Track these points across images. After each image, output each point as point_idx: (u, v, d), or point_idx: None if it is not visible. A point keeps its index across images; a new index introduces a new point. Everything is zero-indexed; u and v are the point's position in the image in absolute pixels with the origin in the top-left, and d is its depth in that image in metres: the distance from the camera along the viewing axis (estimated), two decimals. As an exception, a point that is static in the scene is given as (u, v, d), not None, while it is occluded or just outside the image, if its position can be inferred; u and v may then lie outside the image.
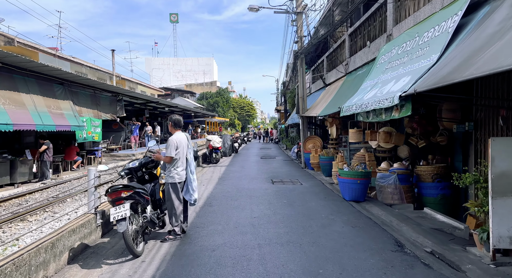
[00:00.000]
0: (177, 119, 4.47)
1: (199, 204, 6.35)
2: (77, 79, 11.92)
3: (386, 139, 6.82)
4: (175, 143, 4.28)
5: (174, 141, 4.28)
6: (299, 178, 9.84)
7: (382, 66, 6.11)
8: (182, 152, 4.36)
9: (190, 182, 4.38)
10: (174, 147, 4.24)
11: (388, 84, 5.10)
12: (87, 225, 4.08)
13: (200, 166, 13.29)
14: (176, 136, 4.37)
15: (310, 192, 7.64)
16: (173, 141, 4.28)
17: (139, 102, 19.42)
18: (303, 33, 11.66)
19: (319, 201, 6.63)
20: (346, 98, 7.53)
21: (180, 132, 4.48)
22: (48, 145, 10.07)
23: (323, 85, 12.57)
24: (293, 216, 5.39)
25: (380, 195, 6.75)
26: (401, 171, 6.58)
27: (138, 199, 3.86)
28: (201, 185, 8.66)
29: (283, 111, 28.65)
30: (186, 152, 4.44)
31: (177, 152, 4.29)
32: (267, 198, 6.83)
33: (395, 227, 4.91)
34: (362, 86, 6.57)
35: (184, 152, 4.40)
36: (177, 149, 4.29)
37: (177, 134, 4.40)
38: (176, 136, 4.37)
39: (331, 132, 10.16)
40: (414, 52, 5.00)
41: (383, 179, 6.64)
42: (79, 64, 22.86)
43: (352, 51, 8.89)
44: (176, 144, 4.28)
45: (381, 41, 6.91)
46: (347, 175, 6.69)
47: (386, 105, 4.46)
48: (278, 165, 13.55)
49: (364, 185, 6.68)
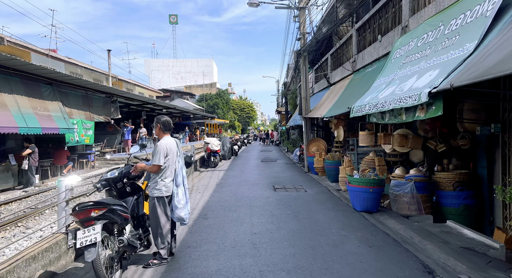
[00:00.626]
0: (167, 121, 3.79)
1: (193, 216, 5.67)
2: (67, 79, 11.26)
3: (402, 142, 6.14)
4: (165, 149, 3.61)
5: (164, 147, 3.61)
6: (302, 184, 9.16)
7: (398, 61, 5.45)
8: (171, 160, 3.69)
9: (174, 197, 3.69)
10: (163, 154, 3.57)
11: (408, 80, 4.43)
12: (55, 248, 3.39)
13: (198, 170, 12.62)
14: (165, 141, 3.69)
15: (316, 200, 6.95)
16: (162, 146, 3.61)
17: (135, 103, 18.77)
18: (306, 30, 11.00)
19: (327, 212, 5.94)
20: (355, 98, 6.86)
21: (169, 137, 3.81)
22: (33, 148, 9.40)
23: (327, 85, 11.90)
24: (299, 232, 4.70)
25: (395, 204, 6.06)
26: (418, 178, 5.89)
27: (113, 218, 3.18)
28: (197, 192, 7.98)
29: (284, 113, 27.98)
30: (175, 160, 3.77)
31: (166, 160, 3.62)
32: (269, 208, 6.14)
33: (419, 246, 4.23)
34: (374, 83, 5.90)
35: (174, 160, 3.73)
36: (167, 156, 3.62)
37: (166, 139, 3.73)
38: (165, 141, 3.69)
39: (337, 135, 9.49)
40: (438, 43, 4.33)
41: (398, 187, 5.96)
42: (73, 64, 22.22)
43: (360, 47, 8.23)
44: (166, 150, 3.62)
45: (395, 34, 6.24)
46: (358, 182, 6.01)
47: (410, 104, 3.79)
48: (279, 169, 12.87)
49: (377, 194, 6.00)
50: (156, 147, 3.60)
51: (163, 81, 66.20)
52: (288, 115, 25.56)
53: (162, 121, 3.75)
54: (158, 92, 41.70)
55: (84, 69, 23.74)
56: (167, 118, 3.82)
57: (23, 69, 9.19)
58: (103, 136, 16.93)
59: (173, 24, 75.48)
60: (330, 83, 11.39)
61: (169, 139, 3.76)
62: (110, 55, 22.33)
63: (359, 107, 5.54)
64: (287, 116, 26.05)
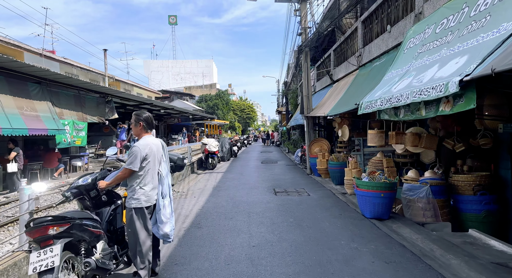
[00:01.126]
0: (148, 118, 3.21)
1: (185, 225, 5.10)
2: (57, 77, 10.70)
3: (415, 141, 5.57)
4: (143, 152, 3.03)
5: (141, 149, 3.03)
6: (305, 187, 8.59)
7: (412, 51, 4.89)
8: (153, 164, 3.12)
9: (159, 209, 3.12)
10: (139, 157, 2.99)
11: (427, 70, 3.87)
12: (12, 270, 2.83)
13: (195, 172, 12.06)
14: (145, 142, 3.11)
15: (320, 205, 6.38)
16: (138, 148, 3.02)
17: (132, 104, 18.22)
18: (307, 24, 10.45)
19: (333, 219, 5.37)
20: (363, 94, 6.30)
21: (151, 136, 3.24)
22: (18, 151, 8.84)
23: (330, 82, 11.33)
24: (304, 244, 4.13)
25: (408, 210, 5.49)
26: (434, 181, 5.32)
27: (79, 236, 2.62)
28: (191, 196, 7.41)
29: (285, 113, 27.43)
30: (159, 164, 3.21)
31: (146, 164, 3.06)
32: (269, 215, 5.58)
33: (442, 261, 3.65)
34: (385, 77, 5.34)
35: (156, 164, 3.17)
36: (146, 159, 3.05)
37: (146, 140, 3.15)
38: (145, 142, 3.11)
39: (341, 134, 8.92)
40: (463, 27, 3.77)
41: (412, 191, 5.39)
42: (69, 65, 21.72)
43: (367, 40, 7.67)
44: (145, 152, 3.04)
45: (406, 23, 5.69)
46: (368, 186, 5.44)
47: (433, 97, 3.23)
48: (280, 170, 12.30)
49: (389, 199, 5.43)
50: (132, 148, 3.03)
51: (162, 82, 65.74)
52: (288, 115, 25.01)
53: (144, 118, 3.17)
54: (157, 93, 41.20)
55: (80, 69, 23.24)
56: (149, 114, 3.25)
57: (7, 67, 8.64)
58: (98, 138, 16.39)
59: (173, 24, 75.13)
60: (333, 80, 10.82)
61: (151, 139, 3.19)
62: (106, 55, 21.81)
63: (368, 103, 4.97)
64: (287, 116, 25.50)
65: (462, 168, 5.74)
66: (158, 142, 3.25)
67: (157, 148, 3.18)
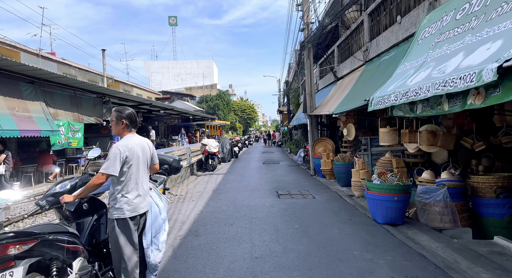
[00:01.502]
0: (131, 115, 2.78)
1: (181, 232, 4.69)
2: (51, 77, 10.32)
3: (430, 140, 5.14)
4: (123, 154, 2.57)
5: (121, 150, 2.57)
6: (309, 189, 8.17)
7: (428, 41, 4.46)
8: (136, 169, 2.68)
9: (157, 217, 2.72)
10: (119, 159, 2.56)
11: (450, 60, 3.44)
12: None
13: (194, 174, 11.65)
14: (126, 142, 2.66)
15: (327, 209, 5.96)
16: (117, 150, 2.57)
17: (130, 104, 17.87)
18: (310, 19, 10.04)
19: (342, 225, 4.94)
20: (372, 90, 5.88)
21: (135, 136, 2.82)
22: (7, 153, 8.46)
23: (333, 80, 10.91)
24: (313, 255, 3.71)
25: (424, 215, 5.06)
26: (452, 183, 4.90)
27: (50, 254, 2.21)
28: (190, 200, 7.00)
29: (286, 112, 27.01)
30: (145, 167, 2.79)
31: (128, 168, 2.63)
32: (273, 221, 5.15)
33: (470, 275, 3.22)
34: (398, 70, 4.92)
35: (141, 168, 2.73)
36: (127, 163, 2.62)
37: (128, 139, 2.70)
38: (126, 142, 2.66)
39: (347, 133, 8.49)
40: (490, 10, 3.35)
41: (428, 194, 4.96)
42: (67, 65, 21.38)
43: (374, 34, 7.25)
44: (125, 154, 2.59)
45: (419, 12, 5.26)
46: (380, 189, 5.01)
47: (461, 88, 2.81)
48: (283, 171, 11.88)
49: (403, 203, 5.00)
50: (110, 150, 2.61)
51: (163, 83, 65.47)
52: (290, 114, 24.60)
53: (127, 115, 2.74)
54: (157, 94, 40.88)
55: (78, 70, 22.91)
56: (132, 111, 2.83)
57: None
58: (96, 139, 16.03)
59: (173, 25, 74.87)
60: (337, 78, 10.40)
61: (135, 139, 2.74)
62: (104, 55, 21.46)
63: (380, 98, 4.55)
64: (289, 116, 25.08)
65: (477, 168, 5.32)
66: (144, 142, 2.83)
67: (143, 150, 2.75)
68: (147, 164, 2.83)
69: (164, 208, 3.02)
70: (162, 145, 23.55)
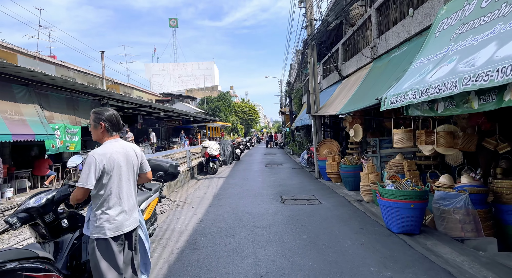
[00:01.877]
0: (111, 117, 2.36)
1: (178, 245, 4.30)
2: (46, 79, 9.98)
3: (448, 141, 4.73)
4: (99, 163, 2.17)
5: (97, 158, 2.19)
6: (315, 193, 7.76)
7: (447, 33, 4.07)
8: (118, 180, 2.28)
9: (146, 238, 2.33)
10: (93, 170, 2.15)
11: (479, 51, 3.04)
12: None
13: (195, 177, 11.27)
14: (103, 149, 2.26)
15: (336, 217, 5.55)
16: (93, 159, 2.18)
17: (129, 106, 17.52)
18: (313, 16, 9.65)
19: (354, 235, 4.53)
20: (383, 88, 5.49)
21: (117, 141, 2.40)
22: (-2, 158, 8.08)
23: (338, 79, 10.51)
24: (324, 273, 3.30)
25: (442, 223, 4.64)
26: (474, 188, 4.48)
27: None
28: (189, 207, 6.61)
29: (288, 113, 26.62)
30: (130, 178, 2.39)
31: (107, 179, 2.23)
32: (278, 231, 4.75)
33: (507, 297, 2.81)
34: (413, 66, 4.52)
35: (124, 179, 2.32)
36: (106, 173, 2.21)
37: (108, 146, 2.30)
38: (103, 149, 2.26)
39: (354, 134, 8.09)
40: (525, -6, 2.94)
41: (447, 201, 4.55)
42: (65, 67, 21.09)
43: (382, 29, 6.85)
44: (102, 164, 2.19)
45: (435, 2, 4.87)
46: (395, 195, 4.61)
47: (500, 82, 2.41)
48: (286, 174, 11.47)
49: (420, 211, 4.59)
50: (86, 158, 2.22)
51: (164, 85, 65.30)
52: (292, 115, 24.20)
53: (107, 117, 2.35)
54: (157, 96, 40.62)
55: (77, 72, 22.62)
56: (114, 112, 2.43)
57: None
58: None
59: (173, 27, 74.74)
60: (342, 77, 10.00)
61: (116, 145, 2.33)
62: (103, 57, 21.15)
63: (395, 96, 4.15)
64: (291, 117, 24.69)
65: (495, 170, 4.91)
66: (129, 148, 2.42)
67: (127, 157, 2.36)
68: (134, 174, 2.43)
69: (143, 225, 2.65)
70: (163, 147, 23.20)
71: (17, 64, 13.13)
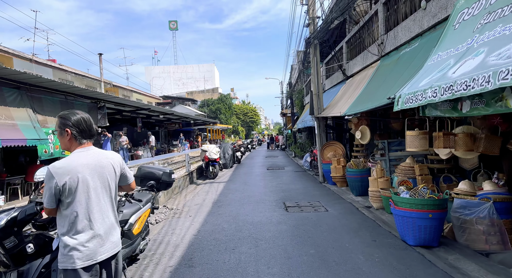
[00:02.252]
0: (79, 122, 1.94)
1: (173, 261, 3.88)
2: (38, 81, 9.61)
3: (469, 144, 4.31)
4: (58, 180, 1.78)
5: (54, 173, 1.78)
6: (320, 199, 7.34)
7: (469, 24, 3.66)
8: (86, 198, 1.86)
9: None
10: (51, 188, 1.77)
11: (513, 41, 2.63)
12: None
13: (194, 182, 10.86)
14: (65, 161, 1.85)
15: (344, 227, 5.12)
16: (49, 174, 1.78)
17: (128, 109, 17.17)
18: (315, 14, 9.27)
19: (367, 248, 4.10)
20: (395, 86, 5.08)
21: (89, 149, 1.97)
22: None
23: (342, 79, 10.11)
24: (337, 297, 2.88)
25: (464, 234, 4.21)
26: (499, 196, 4.06)
27: None
28: (186, 216, 6.20)
29: (290, 115, 26.22)
30: (106, 194, 1.97)
31: (70, 198, 1.82)
32: (282, 244, 4.33)
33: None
34: (429, 62, 4.11)
35: (93, 197, 1.89)
36: (69, 190, 1.80)
37: (73, 157, 1.89)
38: (65, 161, 1.85)
39: (361, 137, 7.67)
40: None
41: (469, 210, 4.12)
42: (63, 70, 20.77)
43: (391, 24, 6.45)
44: (62, 179, 1.79)
45: (451, -7, 4.46)
46: (411, 204, 4.18)
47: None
48: (289, 178, 11.05)
49: (439, 221, 4.17)
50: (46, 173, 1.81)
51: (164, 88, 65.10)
52: (294, 117, 23.80)
53: (74, 123, 1.94)
54: (157, 98, 40.30)
55: (75, 75, 22.31)
56: (83, 116, 2.01)
57: (-26, 69, 7.55)
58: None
59: (173, 30, 74.66)
60: (346, 76, 9.59)
61: (86, 156, 1.91)
62: (101, 59, 20.83)
63: (411, 95, 3.74)
64: (293, 119, 24.30)
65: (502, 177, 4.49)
66: (103, 158, 1.98)
67: (100, 170, 1.94)
68: (111, 189, 2.02)
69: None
70: (163, 150, 22.82)
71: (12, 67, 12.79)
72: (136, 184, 4.42)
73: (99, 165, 1.94)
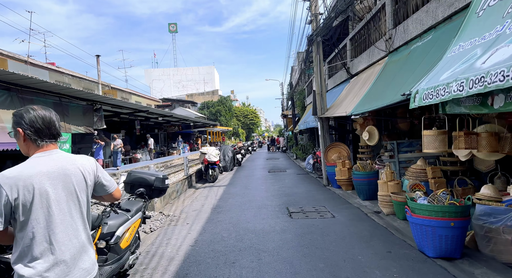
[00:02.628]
0: (33, 121, 1.55)
1: (165, 277, 3.47)
2: (29, 82, 9.23)
3: (493, 145, 3.90)
4: (9, 193, 1.39)
5: (3, 184, 1.39)
6: (326, 204, 6.93)
7: (496, 10, 3.28)
8: (45, 214, 1.46)
9: None
10: (2, 206, 1.39)
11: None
12: None
13: (193, 186, 10.45)
14: (17, 169, 1.45)
15: (354, 235, 4.71)
16: (4, 183, 1.39)
17: (125, 112, 16.79)
18: (318, 10, 8.90)
19: (382, 261, 3.69)
20: (407, 83, 4.69)
21: (52, 154, 1.58)
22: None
23: (346, 78, 9.73)
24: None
25: (489, 244, 3.80)
26: (528, 202, 3.65)
27: None
28: (184, 223, 5.79)
29: (291, 116, 25.83)
30: (73, 209, 1.57)
31: (25, 216, 1.43)
32: (288, 257, 3.92)
33: None
34: (449, 54, 3.72)
35: (60, 212, 1.50)
36: (22, 206, 1.41)
37: (28, 164, 1.50)
38: (17, 169, 1.45)
39: (368, 137, 7.26)
40: None
41: (494, 217, 3.72)
42: (59, 72, 20.43)
43: (399, 18, 6.07)
44: (14, 193, 1.39)
45: (469, -21, 4.09)
46: (430, 212, 3.77)
47: None
48: (291, 181, 10.64)
49: (461, 230, 3.76)
50: None
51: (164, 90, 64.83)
52: (295, 118, 23.41)
53: (29, 122, 1.55)
54: (157, 101, 39.97)
55: (72, 77, 21.96)
56: (39, 113, 1.60)
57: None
58: (89, 150, 14.93)
59: (173, 32, 74.46)
60: (351, 75, 9.21)
61: (46, 161, 1.52)
62: (99, 61, 20.48)
63: (430, 90, 3.34)
64: (294, 120, 23.91)
65: None
66: (69, 164, 1.59)
67: (61, 178, 1.54)
68: (80, 201, 1.61)
69: None
70: (162, 153, 22.42)
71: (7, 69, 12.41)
72: (126, 191, 4.01)
73: (63, 173, 1.54)
